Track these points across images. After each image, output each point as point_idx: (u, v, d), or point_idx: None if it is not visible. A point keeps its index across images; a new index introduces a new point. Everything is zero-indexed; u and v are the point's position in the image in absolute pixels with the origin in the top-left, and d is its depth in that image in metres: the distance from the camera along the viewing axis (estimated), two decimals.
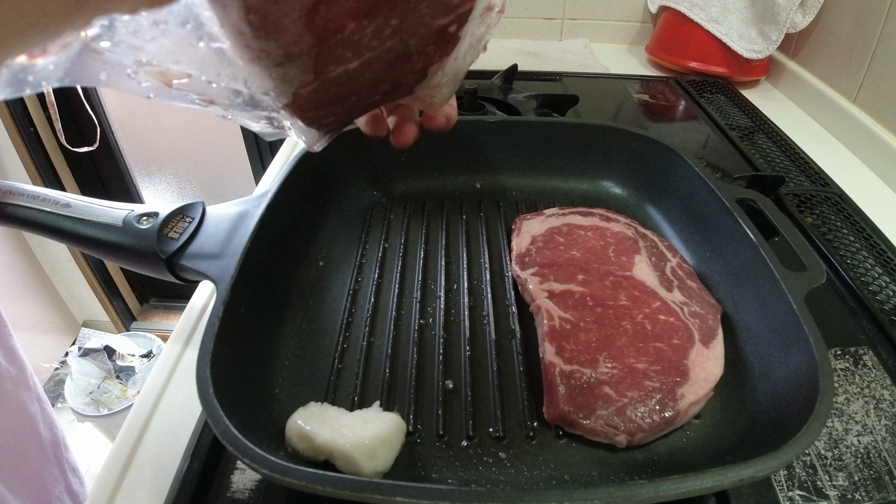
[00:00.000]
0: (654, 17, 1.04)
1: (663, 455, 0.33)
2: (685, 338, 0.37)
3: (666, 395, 0.33)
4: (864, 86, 0.72)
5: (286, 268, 0.42)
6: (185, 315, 0.47)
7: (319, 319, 0.41)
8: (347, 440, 0.30)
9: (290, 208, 0.43)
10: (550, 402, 0.34)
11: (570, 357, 0.35)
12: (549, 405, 0.34)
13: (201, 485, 0.32)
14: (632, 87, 0.87)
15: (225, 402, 0.28)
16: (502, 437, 0.34)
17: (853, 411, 0.37)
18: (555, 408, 0.33)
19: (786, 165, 0.67)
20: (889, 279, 0.49)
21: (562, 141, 0.54)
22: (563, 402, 0.33)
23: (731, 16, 0.86)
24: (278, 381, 0.36)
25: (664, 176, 0.51)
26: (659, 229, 0.50)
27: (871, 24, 0.71)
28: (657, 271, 0.43)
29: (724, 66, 0.89)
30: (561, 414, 0.33)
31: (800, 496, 0.32)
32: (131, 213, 0.39)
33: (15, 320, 0.35)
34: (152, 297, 1.95)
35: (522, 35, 1.08)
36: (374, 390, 0.36)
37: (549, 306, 0.39)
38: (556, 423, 0.34)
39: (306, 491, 0.25)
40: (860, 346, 0.42)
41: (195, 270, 0.37)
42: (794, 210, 0.57)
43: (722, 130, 0.74)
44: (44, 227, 0.38)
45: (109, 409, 1.42)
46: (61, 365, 1.59)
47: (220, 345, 0.30)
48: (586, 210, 0.49)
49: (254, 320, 0.36)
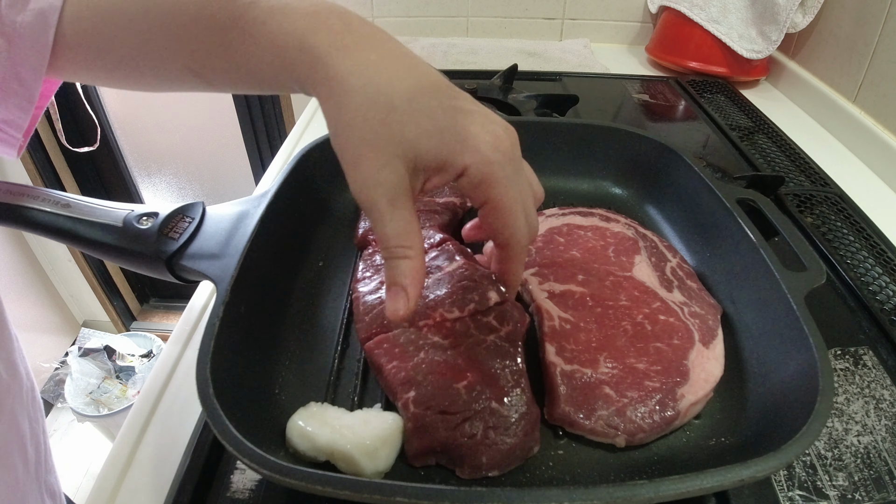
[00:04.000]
0: (654, 17, 1.04)
1: (663, 455, 0.33)
2: (685, 338, 0.37)
3: (666, 395, 0.33)
4: (864, 86, 0.72)
5: (286, 268, 0.42)
6: (185, 315, 0.47)
7: (319, 319, 0.41)
8: (348, 440, 0.30)
9: (290, 208, 0.43)
10: (551, 402, 0.34)
11: (571, 357, 0.35)
12: (549, 405, 0.34)
13: (201, 485, 0.32)
14: (632, 87, 0.87)
15: (225, 402, 0.28)
16: None
17: (853, 411, 0.37)
18: (555, 408, 0.33)
19: (786, 165, 0.67)
20: (889, 279, 0.49)
21: (562, 141, 0.54)
22: (564, 402, 0.33)
23: (731, 16, 0.86)
24: (278, 382, 0.36)
25: (664, 176, 0.50)
26: (659, 229, 0.50)
27: (871, 24, 0.71)
28: (657, 271, 0.43)
29: (724, 66, 0.89)
30: (561, 414, 0.33)
31: (800, 496, 0.32)
32: (131, 213, 0.39)
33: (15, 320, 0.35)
34: (152, 297, 1.95)
35: (522, 35, 1.08)
36: (375, 390, 0.36)
37: (549, 306, 0.39)
38: (557, 423, 0.34)
39: (306, 491, 0.25)
40: (860, 346, 0.42)
41: (195, 270, 0.37)
42: (794, 210, 0.57)
43: (722, 130, 0.74)
44: (44, 227, 0.38)
45: (109, 409, 1.42)
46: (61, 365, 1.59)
47: (220, 345, 0.30)
48: (586, 210, 0.49)
49: (254, 320, 0.36)
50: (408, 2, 1.05)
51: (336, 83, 0.28)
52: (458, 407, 0.31)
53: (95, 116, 1.37)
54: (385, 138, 0.28)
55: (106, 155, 1.57)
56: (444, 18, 1.07)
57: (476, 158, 0.28)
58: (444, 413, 0.31)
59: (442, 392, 0.31)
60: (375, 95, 0.27)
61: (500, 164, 0.29)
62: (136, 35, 0.31)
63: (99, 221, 0.38)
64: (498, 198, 0.29)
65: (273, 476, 0.25)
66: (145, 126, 1.57)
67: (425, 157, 0.28)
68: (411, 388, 0.32)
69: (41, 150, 1.44)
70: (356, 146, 0.28)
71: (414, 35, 1.07)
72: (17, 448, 0.34)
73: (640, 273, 0.42)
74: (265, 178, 0.65)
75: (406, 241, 0.29)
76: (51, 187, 0.76)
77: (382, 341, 0.35)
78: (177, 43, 0.31)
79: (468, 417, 0.31)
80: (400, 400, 0.32)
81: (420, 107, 0.28)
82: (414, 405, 0.31)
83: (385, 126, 0.27)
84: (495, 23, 1.07)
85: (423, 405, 0.31)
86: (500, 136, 0.29)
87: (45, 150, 1.45)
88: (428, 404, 0.31)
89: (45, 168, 1.47)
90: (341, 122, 0.28)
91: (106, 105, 1.50)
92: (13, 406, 0.34)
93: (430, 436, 0.30)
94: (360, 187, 0.29)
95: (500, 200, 0.29)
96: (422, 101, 0.28)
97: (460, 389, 0.32)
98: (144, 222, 0.39)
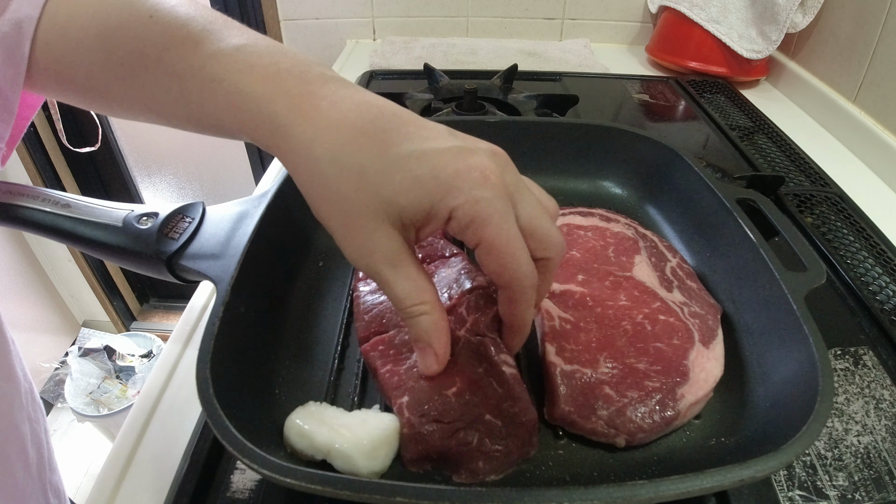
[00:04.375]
0: (654, 17, 1.04)
1: (663, 455, 0.33)
2: (685, 338, 0.37)
3: (666, 395, 0.33)
4: (864, 86, 0.72)
5: (286, 268, 0.42)
6: (185, 315, 0.47)
7: (319, 319, 0.41)
8: (346, 440, 0.30)
9: (290, 208, 0.43)
10: (551, 403, 0.34)
11: (571, 357, 0.35)
12: (549, 405, 0.34)
13: (201, 485, 0.32)
14: (632, 87, 0.87)
15: (225, 402, 0.28)
16: None
17: (853, 411, 0.37)
18: (555, 408, 0.33)
19: (786, 165, 0.67)
20: (889, 279, 0.49)
21: (562, 141, 0.54)
22: (564, 402, 0.33)
23: (731, 16, 0.86)
24: (278, 382, 0.36)
25: (664, 176, 0.50)
26: (659, 229, 0.50)
27: (871, 24, 0.71)
28: (657, 271, 0.43)
29: (724, 66, 0.89)
30: (561, 414, 0.33)
31: (800, 496, 0.32)
32: (131, 213, 0.39)
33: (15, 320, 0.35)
34: (152, 297, 1.95)
35: (522, 35, 1.08)
36: (375, 391, 0.36)
37: (549, 306, 0.39)
38: (557, 423, 0.34)
39: (306, 491, 0.25)
40: (860, 346, 0.42)
41: (195, 271, 0.37)
42: (794, 210, 0.57)
43: (722, 130, 0.74)
44: (44, 227, 0.38)
45: (109, 409, 1.42)
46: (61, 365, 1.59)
47: (220, 345, 0.30)
48: (586, 210, 0.49)
49: (254, 320, 0.36)
50: (408, 2, 1.05)
51: (301, 154, 0.27)
52: (452, 416, 0.31)
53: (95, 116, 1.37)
54: (363, 205, 0.26)
55: (106, 155, 1.57)
56: (444, 18, 1.07)
57: (461, 200, 0.26)
58: (437, 422, 0.30)
59: (434, 400, 0.31)
60: (342, 160, 0.26)
61: (488, 200, 0.26)
62: (100, 71, 0.31)
63: (99, 221, 0.38)
64: (491, 238, 0.27)
65: (273, 476, 0.25)
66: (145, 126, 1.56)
67: (409, 210, 0.27)
68: (404, 394, 0.32)
69: (41, 150, 1.44)
70: (339, 219, 0.28)
71: (414, 35, 1.07)
72: (15, 452, 0.34)
73: (640, 273, 0.42)
74: (265, 178, 0.65)
75: (418, 298, 0.28)
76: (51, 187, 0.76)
77: (378, 343, 0.35)
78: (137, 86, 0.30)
79: (462, 427, 0.30)
80: (394, 404, 0.32)
81: (390, 160, 0.26)
82: (407, 410, 0.31)
83: (360, 193, 0.26)
84: (495, 23, 1.07)
85: (417, 412, 0.31)
86: (485, 168, 0.27)
87: (45, 150, 1.45)
88: (421, 411, 0.31)
89: (45, 168, 1.47)
90: (316, 196, 0.28)
91: None
92: (11, 411, 0.34)
93: (425, 444, 0.30)
94: (356, 258, 0.28)
95: (493, 241, 0.27)
96: (390, 154, 0.26)
97: (451, 398, 0.31)
98: (144, 222, 0.39)
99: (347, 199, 0.27)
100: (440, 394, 0.31)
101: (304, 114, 0.27)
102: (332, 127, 0.27)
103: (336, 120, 0.27)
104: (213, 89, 0.28)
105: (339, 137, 0.26)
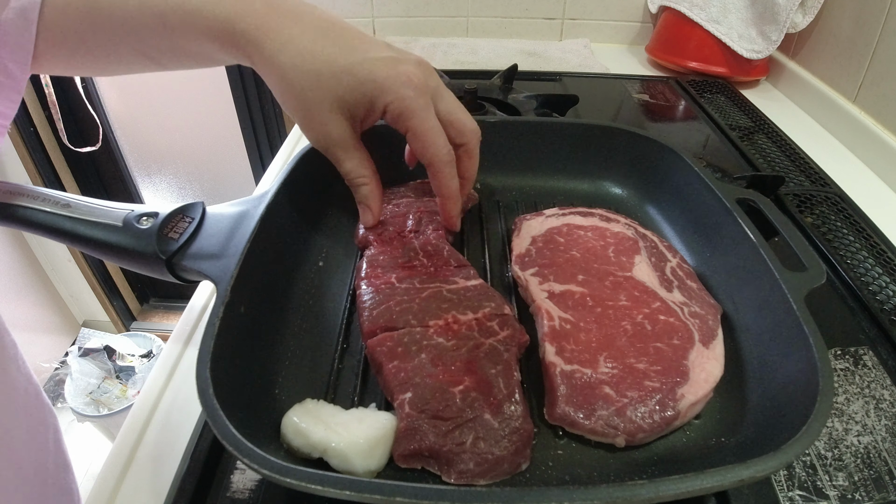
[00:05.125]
0: (654, 17, 1.04)
1: (663, 455, 0.33)
2: (685, 338, 0.37)
3: (666, 395, 0.33)
4: (864, 86, 0.72)
5: (286, 268, 0.42)
6: (185, 315, 0.47)
7: (319, 319, 0.41)
8: (342, 438, 0.30)
9: (290, 208, 0.43)
10: (551, 403, 0.34)
11: (571, 357, 0.35)
12: (549, 405, 0.34)
13: (201, 485, 0.32)
14: (632, 87, 0.87)
15: (225, 402, 0.28)
16: None
17: (853, 411, 0.37)
18: (555, 408, 0.33)
19: (786, 165, 0.67)
20: (889, 279, 0.49)
21: (562, 141, 0.54)
22: (564, 402, 0.33)
23: (731, 16, 0.86)
24: (278, 382, 0.36)
25: (664, 176, 0.51)
26: (659, 229, 0.50)
27: (871, 24, 0.71)
28: (657, 271, 0.43)
29: (724, 66, 0.89)
30: (561, 414, 0.33)
31: (800, 496, 0.32)
32: (131, 213, 0.39)
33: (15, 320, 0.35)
34: (152, 297, 1.95)
35: (522, 35, 1.08)
36: (375, 391, 0.36)
37: (549, 307, 0.39)
38: (557, 423, 0.34)
39: (306, 491, 0.25)
40: (860, 346, 0.42)
41: (195, 270, 0.37)
42: (794, 210, 0.57)
43: (722, 130, 0.74)
44: (44, 227, 0.38)
45: (109, 409, 1.43)
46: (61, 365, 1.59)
47: (220, 345, 0.30)
48: (586, 210, 0.49)
49: (254, 320, 0.36)
50: (408, 2, 1.05)
51: (270, 63, 0.34)
52: (452, 413, 0.31)
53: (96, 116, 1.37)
54: (320, 100, 0.35)
55: (106, 155, 1.57)
56: (444, 18, 1.07)
57: (391, 97, 0.35)
58: (437, 418, 0.31)
59: (438, 396, 0.31)
60: (303, 67, 0.34)
61: (412, 98, 0.35)
62: (90, 30, 0.36)
63: (99, 221, 0.38)
64: (415, 126, 0.35)
65: (272, 476, 0.25)
66: (145, 126, 1.57)
67: (355, 106, 0.35)
68: (408, 390, 0.32)
69: (41, 150, 1.44)
70: (301, 111, 0.36)
71: (414, 35, 1.07)
72: (5, 456, 0.34)
73: (640, 273, 0.42)
74: (265, 178, 0.65)
75: (361, 172, 0.39)
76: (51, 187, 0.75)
77: (386, 339, 0.35)
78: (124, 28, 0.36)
79: (459, 425, 0.30)
80: (396, 400, 0.32)
81: (339, 67, 0.34)
82: (409, 406, 0.31)
83: (317, 91, 0.34)
84: (495, 23, 1.07)
85: (418, 408, 0.31)
86: (411, 73, 0.35)
87: (45, 150, 1.45)
88: (422, 408, 0.31)
89: (45, 168, 1.47)
90: (284, 94, 0.35)
91: (106, 105, 1.50)
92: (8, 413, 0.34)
93: (419, 439, 0.30)
94: (315, 141, 0.38)
95: (416, 128, 0.35)
96: (339, 62, 0.34)
97: (455, 395, 0.31)
98: (144, 222, 0.39)
99: (307, 97, 0.35)
100: (444, 392, 0.32)
101: (270, 30, 0.34)
102: (293, 40, 0.34)
103: (297, 34, 0.34)
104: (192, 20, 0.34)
105: (300, 49, 0.34)
